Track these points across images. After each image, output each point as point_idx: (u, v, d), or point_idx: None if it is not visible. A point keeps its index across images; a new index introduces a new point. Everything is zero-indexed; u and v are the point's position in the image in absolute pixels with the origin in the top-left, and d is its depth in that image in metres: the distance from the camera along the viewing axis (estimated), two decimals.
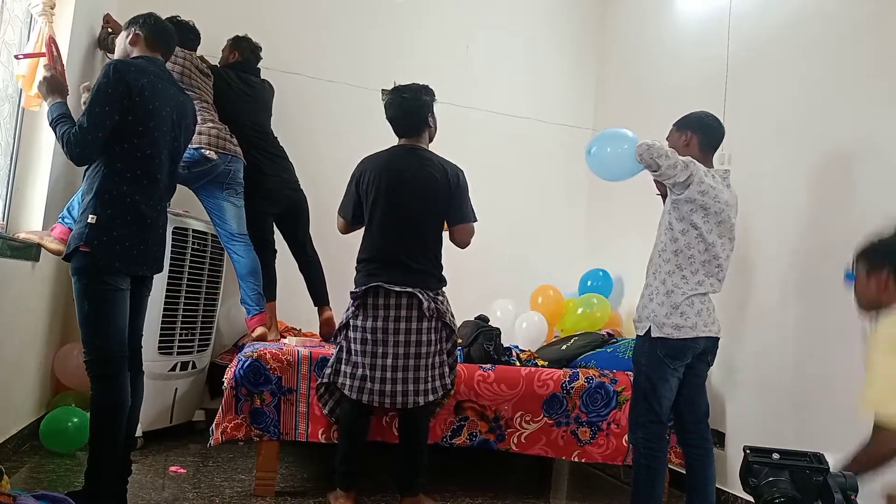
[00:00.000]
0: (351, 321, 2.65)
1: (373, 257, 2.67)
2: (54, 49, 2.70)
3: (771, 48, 3.23)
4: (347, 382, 2.62)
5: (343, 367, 2.65)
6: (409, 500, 2.68)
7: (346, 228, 2.86)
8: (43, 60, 2.64)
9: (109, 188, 2.17)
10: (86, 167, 2.27)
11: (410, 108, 2.73)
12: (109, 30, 3.47)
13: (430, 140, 2.82)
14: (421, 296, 2.59)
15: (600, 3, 4.88)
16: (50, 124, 2.23)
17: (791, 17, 3.13)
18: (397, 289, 2.58)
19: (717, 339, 2.54)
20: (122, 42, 2.39)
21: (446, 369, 2.73)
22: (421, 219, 2.66)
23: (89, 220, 2.14)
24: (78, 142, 2.12)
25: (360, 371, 2.61)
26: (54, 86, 2.29)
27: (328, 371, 2.70)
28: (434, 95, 2.79)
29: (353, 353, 2.63)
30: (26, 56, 2.70)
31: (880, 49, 2.67)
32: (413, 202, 2.65)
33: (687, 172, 2.41)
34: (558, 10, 4.85)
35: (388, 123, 2.78)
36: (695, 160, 2.47)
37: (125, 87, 2.15)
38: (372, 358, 2.60)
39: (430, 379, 2.64)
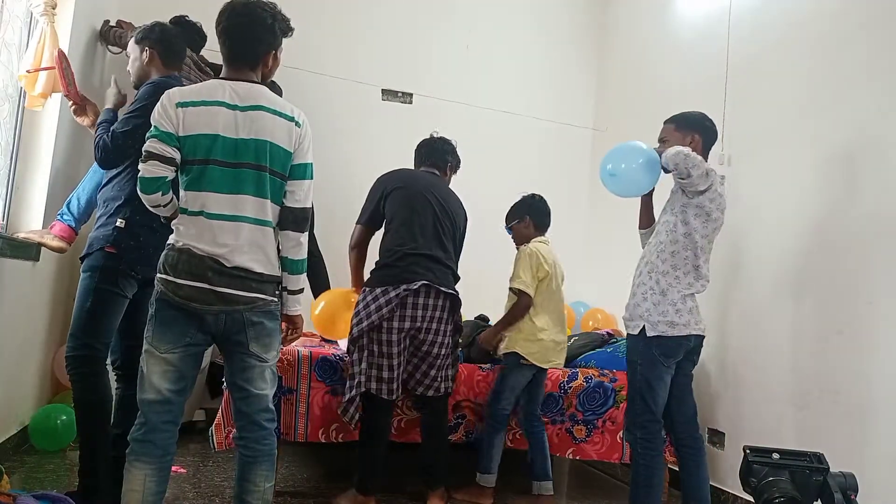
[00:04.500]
0: (385, 323, 2.63)
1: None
2: (64, 63, 2.66)
3: (771, 48, 3.23)
4: (384, 387, 2.64)
5: (374, 371, 2.65)
6: (436, 494, 2.77)
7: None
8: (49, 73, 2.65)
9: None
10: (109, 175, 2.32)
11: (440, 148, 3.04)
12: (116, 28, 3.46)
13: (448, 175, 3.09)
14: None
15: (600, 3, 4.88)
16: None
17: (791, 17, 3.13)
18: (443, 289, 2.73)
19: (703, 337, 2.57)
20: (137, 60, 2.40)
21: (451, 371, 2.86)
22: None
23: (118, 224, 2.21)
24: (106, 146, 2.20)
25: (394, 373, 2.67)
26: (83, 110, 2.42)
27: (361, 380, 2.64)
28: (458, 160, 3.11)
29: (383, 355, 2.66)
30: (34, 71, 2.69)
31: (880, 49, 2.67)
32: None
33: (708, 181, 2.44)
34: (558, 9, 4.85)
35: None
36: (713, 169, 2.49)
37: None
38: (406, 356, 2.73)
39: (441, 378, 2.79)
